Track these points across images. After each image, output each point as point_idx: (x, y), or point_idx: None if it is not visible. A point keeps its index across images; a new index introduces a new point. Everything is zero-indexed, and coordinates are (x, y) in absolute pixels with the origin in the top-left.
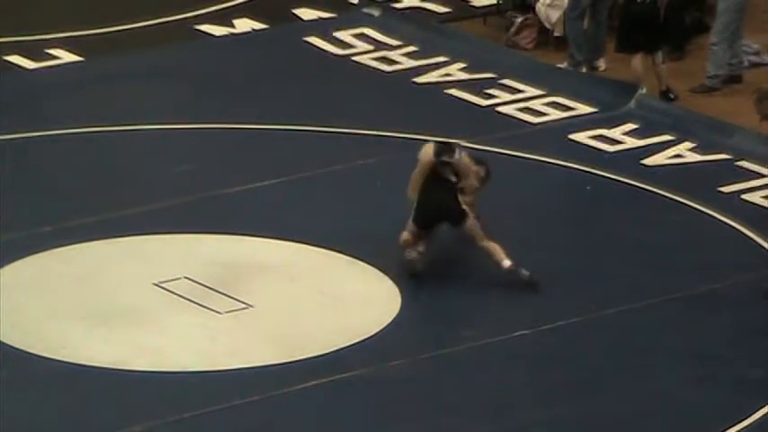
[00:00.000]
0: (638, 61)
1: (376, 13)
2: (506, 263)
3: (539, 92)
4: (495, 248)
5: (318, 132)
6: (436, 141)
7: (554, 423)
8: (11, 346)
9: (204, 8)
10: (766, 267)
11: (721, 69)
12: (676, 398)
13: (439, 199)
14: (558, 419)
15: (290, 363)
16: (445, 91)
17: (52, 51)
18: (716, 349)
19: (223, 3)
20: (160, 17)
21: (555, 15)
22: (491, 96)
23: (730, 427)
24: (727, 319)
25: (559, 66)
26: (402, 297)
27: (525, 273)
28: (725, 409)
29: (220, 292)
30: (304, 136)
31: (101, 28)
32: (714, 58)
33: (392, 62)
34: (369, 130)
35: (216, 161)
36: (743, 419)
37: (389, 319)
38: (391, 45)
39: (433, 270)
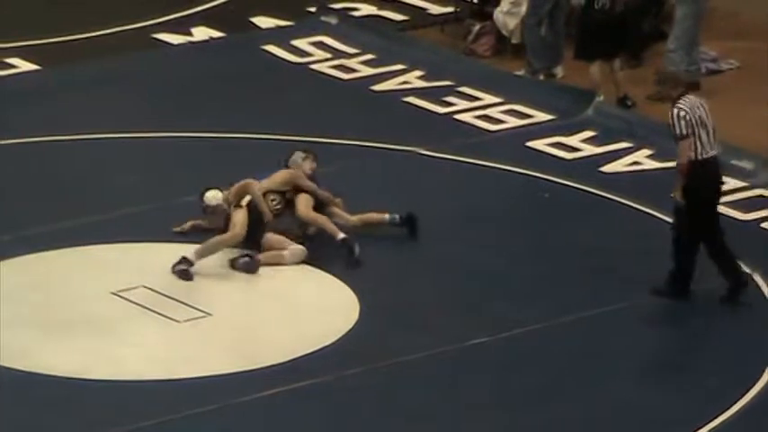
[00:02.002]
0: (596, 68)
1: (333, 21)
2: (340, 236)
3: (496, 99)
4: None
5: (276, 141)
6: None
7: (514, 431)
8: None
9: (162, 17)
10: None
11: None
12: (635, 405)
13: None
14: (517, 427)
15: (249, 371)
16: (403, 99)
17: (9, 60)
18: (674, 356)
19: (181, 11)
20: (118, 26)
21: (513, 23)
22: (449, 104)
23: None
24: (684, 326)
25: (517, 73)
26: (360, 305)
27: (357, 250)
28: (683, 415)
29: (178, 301)
30: (261, 144)
31: (58, 37)
32: (671, 64)
33: (350, 70)
34: (326, 138)
35: (174, 169)
36: (702, 426)
37: (348, 327)
38: (349, 53)
39: (392, 278)
